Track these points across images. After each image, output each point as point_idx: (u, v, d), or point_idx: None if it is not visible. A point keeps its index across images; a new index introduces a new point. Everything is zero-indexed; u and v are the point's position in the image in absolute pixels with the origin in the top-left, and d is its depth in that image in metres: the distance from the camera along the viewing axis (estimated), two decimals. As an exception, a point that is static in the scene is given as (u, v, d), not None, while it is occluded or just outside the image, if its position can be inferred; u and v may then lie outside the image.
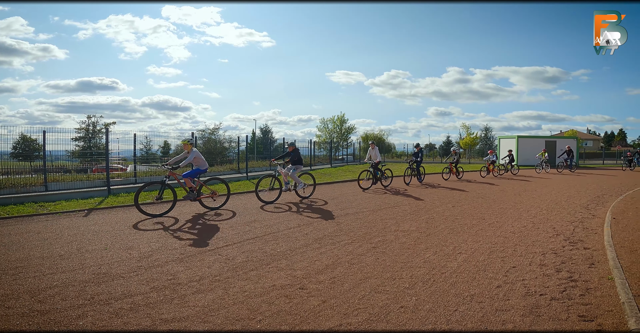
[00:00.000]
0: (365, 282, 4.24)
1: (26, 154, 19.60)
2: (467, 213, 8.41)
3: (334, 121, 48.73)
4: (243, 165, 16.82)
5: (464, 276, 4.41)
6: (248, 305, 3.62)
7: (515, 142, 27.56)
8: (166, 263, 4.83)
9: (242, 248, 5.54)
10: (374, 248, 5.57)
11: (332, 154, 26.75)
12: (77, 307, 3.55)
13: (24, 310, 3.47)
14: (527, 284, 4.13)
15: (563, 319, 3.32)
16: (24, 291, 3.91)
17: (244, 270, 4.61)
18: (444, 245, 5.77)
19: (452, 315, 3.42)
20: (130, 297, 3.78)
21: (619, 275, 4.27)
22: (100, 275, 4.38)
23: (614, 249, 5.30)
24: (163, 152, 22.68)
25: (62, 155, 13.80)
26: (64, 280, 4.23)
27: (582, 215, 8.18)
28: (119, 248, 5.48)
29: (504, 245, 5.76)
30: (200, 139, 18.78)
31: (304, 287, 4.08)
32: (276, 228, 6.85)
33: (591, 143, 57.84)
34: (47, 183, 10.24)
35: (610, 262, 4.77)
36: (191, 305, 3.62)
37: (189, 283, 4.17)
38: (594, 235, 6.36)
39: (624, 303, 3.54)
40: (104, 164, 11.67)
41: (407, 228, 6.91)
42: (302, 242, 5.91)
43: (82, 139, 41.02)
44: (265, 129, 52.50)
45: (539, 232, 6.61)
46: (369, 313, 3.47)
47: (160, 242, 5.89)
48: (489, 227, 6.97)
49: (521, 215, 8.19)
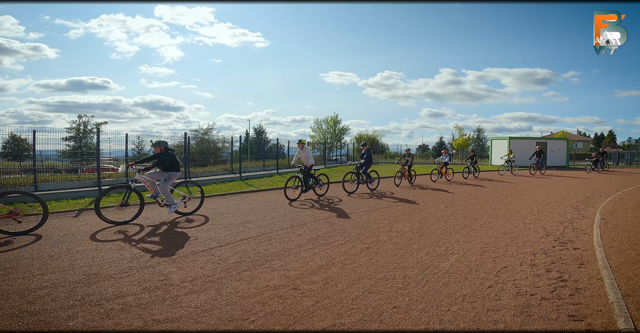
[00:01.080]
0: (359, 282, 4.25)
1: (16, 154, 19.32)
2: (460, 214, 8.47)
3: (327, 122, 48.78)
4: (237, 165, 16.76)
5: (456, 276, 4.44)
6: (241, 306, 3.61)
7: (507, 144, 27.83)
8: (158, 264, 4.80)
9: (235, 249, 5.52)
10: (367, 249, 5.59)
11: (326, 154, 26.77)
12: (68, 307, 3.51)
13: (13, 310, 3.43)
14: (518, 284, 4.17)
15: (553, 319, 3.36)
16: (13, 292, 3.85)
17: (237, 271, 4.59)
18: (437, 245, 5.81)
19: (445, 315, 3.44)
20: (122, 298, 3.75)
21: (608, 275, 4.33)
22: (91, 276, 4.33)
23: (603, 249, 5.38)
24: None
25: (53, 155, 13.67)
26: (54, 280, 4.18)
27: (572, 215, 8.28)
28: (109, 249, 5.43)
29: (495, 245, 5.81)
30: (193, 139, 18.67)
31: (297, 288, 4.08)
32: (269, 229, 6.84)
33: (581, 144, 58.65)
34: (37, 184, 10.11)
35: (599, 262, 4.84)
36: (184, 306, 3.60)
37: (182, 284, 4.15)
38: (583, 235, 6.44)
39: (612, 303, 3.59)
40: (95, 164, 11.56)
41: (400, 228, 6.94)
42: (295, 243, 5.90)
43: (73, 138, 40.60)
44: (259, 129, 52.39)
45: (529, 232, 6.68)
46: (362, 313, 3.48)
47: (152, 243, 5.84)
48: (481, 228, 7.03)
49: (512, 215, 8.27)
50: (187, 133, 14.20)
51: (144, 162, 7.80)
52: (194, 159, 17.76)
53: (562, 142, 29.81)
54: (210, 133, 24.00)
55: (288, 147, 22.94)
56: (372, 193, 11.71)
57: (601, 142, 64.58)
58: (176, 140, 17.78)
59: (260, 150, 29.18)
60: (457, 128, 47.70)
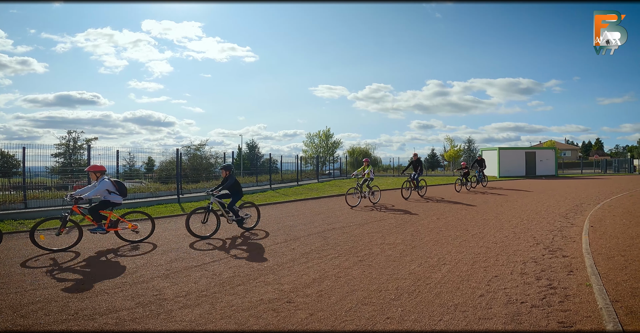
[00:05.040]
0: (352, 294, 4.28)
1: (4, 171, 19.11)
2: (451, 225, 8.55)
3: (319, 136, 49.06)
4: (229, 180, 16.70)
5: (448, 286, 4.49)
6: (235, 320, 3.62)
7: (497, 154, 28.24)
8: (151, 279, 4.78)
9: (229, 264, 5.52)
10: (360, 262, 5.63)
11: (319, 168, 26.87)
12: (61, 321, 3.51)
13: (6, 325, 3.42)
14: (509, 293, 4.24)
15: (543, 326, 3.42)
16: (6, 306, 3.84)
17: (231, 285, 4.60)
18: (429, 256, 5.87)
19: (437, 324, 3.48)
20: (115, 312, 3.74)
21: (596, 281, 4.41)
22: (84, 291, 4.31)
23: (591, 256, 5.48)
24: (147, 168, 22.39)
25: (42, 171, 13.53)
26: (46, 295, 4.16)
27: (561, 224, 8.41)
28: (102, 265, 5.39)
29: (486, 255, 5.88)
30: (185, 155, 18.62)
31: (291, 301, 4.10)
32: (263, 243, 6.85)
33: (569, 153, 59.66)
34: (26, 201, 10.02)
35: (588, 269, 4.93)
36: (178, 320, 3.60)
37: (175, 299, 4.14)
38: (572, 243, 6.56)
39: (601, 309, 3.67)
40: (86, 181, 11.48)
41: (392, 241, 6.99)
42: (289, 257, 5.92)
43: (62, 155, 40.25)
44: (251, 144, 52.50)
45: (520, 241, 6.77)
46: (356, 325, 3.51)
47: (145, 258, 5.82)
48: (472, 238, 7.11)
49: (503, 225, 8.37)
50: (179, 149, 14.19)
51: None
52: (186, 175, 17.68)
53: (551, 152, 30.30)
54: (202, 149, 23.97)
55: (281, 162, 22.96)
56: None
57: (589, 150, 65.80)
58: (168, 156, 17.75)
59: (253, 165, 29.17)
60: (448, 139, 48.06)
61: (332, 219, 9.37)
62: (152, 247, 6.53)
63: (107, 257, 5.90)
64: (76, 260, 5.71)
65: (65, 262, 5.63)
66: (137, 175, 21.25)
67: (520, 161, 28.59)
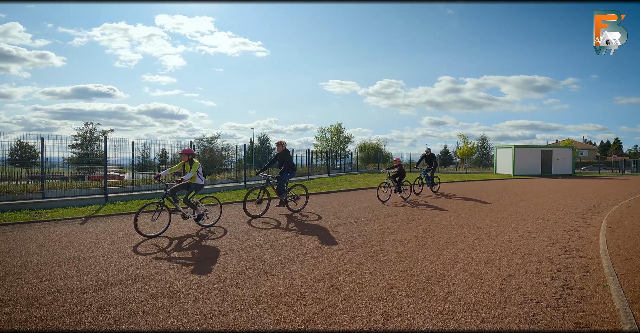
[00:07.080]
0: (363, 290, 4.26)
1: (23, 161, 19.54)
2: (464, 222, 8.45)
3: (331, 130, 48.91)
4: (241, 174, 16.84)
5: (461, 284, 4.44)
6: (246, 313, 3.64)
7: (512, 152, 27.77)
8: (164, 271, 4.84)
9: (240, 257, 5.55)
10: (371, 257, 5.60)
11: (330, 163, 26.82)
12: (76, 313, 3.56)
13: (21, 316, 3.48)
14: (523, 292, 4.16)
15: (559, 326, 3.35)
16: (22, 297, 3.91)
17: (243, 279, 4.62)
18: (441, 254, 5.80)
19: (449, 323, 3.44)
20: (129, 304, 3.79)
21: (614, 282, 4.31)
22: (98, 282, 4.38)
23: (609, 257, 5.35)
24: (161, 160, 22.72)
25: (59, 162, 13.80)
26: (61, 286, 4.23)
27: (578, 224, 8.24)
28: (116, 256, 5.48)
29: (500, 253, 5.79)
30: (198, 147, 18.79)
31: (302, 295, 4.10)
32: (274, 237, 6.86)
33: (587, 152, 58.31)
34: (44, 191, 10.22)
35: (605, 270, 4.82)
36: (190, 313, 3.63)
37: (188, 291, 4.18)
38: (589, 243, 6.41)
39: (619, 310, 3.58)
40: (102, 172, 11.67)
41: (404, 237, 6.94)
42: (300, 251, 5.92)
43: (80, 146, 40.95)
44: (263, 138, 52.67)
45: (535, 240, 6.65)
46: (367, 321, 3.49)
47: (158, 250, 5.89)
48: (486, 236, 7.01)
49: (517, 224, 8.24)
50: (192, 141, 14.35)
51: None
52: (199, 167, 17.80)
53: (568, 150, 29.67)
54: (215, 141, 24.15)
55: (292, 155, 22.97)
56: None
57: (607, 150, 64.22)
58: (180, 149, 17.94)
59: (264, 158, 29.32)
60: (462, 136, 47.30)
61: (343, 214, 9.35)
62: (168, 240, 6.60)
63: (121, 249, 5.98)
64: (92, 251, 5.80)
65: (81, 252, 5.73)
66: (151, 167, 21.56)
67: (536, 160, 28.07)
